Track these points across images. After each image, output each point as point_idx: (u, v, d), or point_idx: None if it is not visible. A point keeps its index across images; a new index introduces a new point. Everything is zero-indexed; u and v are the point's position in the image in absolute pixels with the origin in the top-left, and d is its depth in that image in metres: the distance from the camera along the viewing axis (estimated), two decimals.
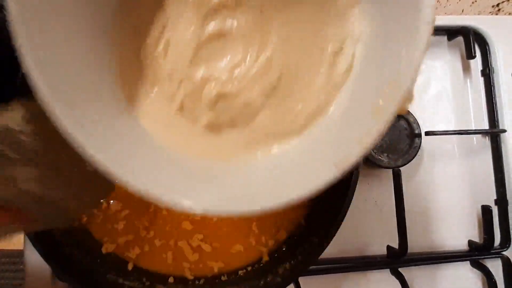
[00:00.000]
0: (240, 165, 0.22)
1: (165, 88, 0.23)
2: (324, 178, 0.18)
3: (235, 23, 0.22)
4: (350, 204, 0.32)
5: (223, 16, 0.22)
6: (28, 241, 0.37)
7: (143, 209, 0.36)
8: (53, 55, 0.17)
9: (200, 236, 0.36)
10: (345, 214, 0.32)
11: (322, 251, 0.32)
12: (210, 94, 0.22)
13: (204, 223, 0.37)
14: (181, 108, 0.23)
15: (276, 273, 0.34)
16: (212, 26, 0.22)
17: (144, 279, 0.35)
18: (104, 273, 0.35)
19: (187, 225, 0.36)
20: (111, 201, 0.36)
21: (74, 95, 0.18)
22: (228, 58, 0.22)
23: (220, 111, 0.23)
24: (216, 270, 0.36)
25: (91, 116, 0.19)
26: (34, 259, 0.37)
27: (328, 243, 0.32)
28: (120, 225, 0.36)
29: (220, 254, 0.36)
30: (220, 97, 0.23)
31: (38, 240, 0.32)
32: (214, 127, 0.23)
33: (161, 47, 0.22)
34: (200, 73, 0.22)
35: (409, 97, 0.18)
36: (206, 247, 0.36)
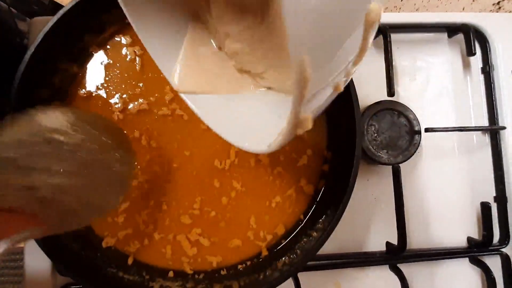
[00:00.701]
0: (245, 99, 0.29)
1: (211, 28, 0.30)
2: (261, 147, 0.22)
3: None
4: (349, 200, 0.32)
5: None
6: (28, 242, 0.38)
7: (143, 202, 0.37)
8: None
9: (199, 231, 0.36)
10: (344, 209, 0.32)
11: (321, 246, 0.32)
12: (229, 49, 0.29)
13: (202, 218, 0.37)
14: (219, 48, 0.31)
15: (275, 267, 0.35)
16: None
17: (144, 273, 0.36)
18: (105, 267, 0.35)
19: (186, 219, 0.37)
20: None
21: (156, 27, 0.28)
22: (241, 22, 0.27)
23: (237, 62, 0.29)
24: (215, 264, 0.36)
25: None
26: (34, 256, 0.38)
27: (327, 238, 0.32)
28: (120, 219, 0.36)
29: (219, 248, 0.37)
30: (234, 53, 0.28)
31: None
32: (239, 70, 0.30)
33: None
34: (223, 28, 0.28)
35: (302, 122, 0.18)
36: (205, 242, 0.36)
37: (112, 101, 0.37)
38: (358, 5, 0.16)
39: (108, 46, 0.38)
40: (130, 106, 0.37)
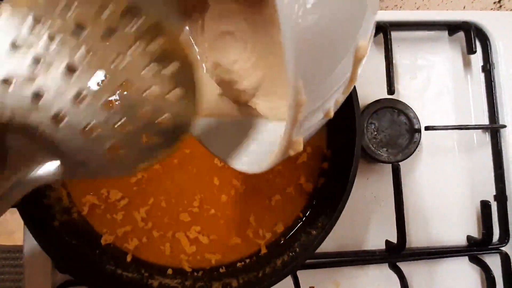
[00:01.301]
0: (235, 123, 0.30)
1: (202, 54, 0.31)
2: (253, 167, 0.23)
3: (237, 27, 0.28)
4: (348, 198, 0.32)
5: (232, 20, 0.28)
6: (27, 237, 0.37)
7: (142, 199, 0.36)
8: None
9: (198, 228, 0.36)
10: (343, 207, 0.32)
11: (320, 244, 0.32)
12: (218, 77, 0.30)
13: (201, 216, 0.37)
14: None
15: (275, 265, 0.35)
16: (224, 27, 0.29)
17: (143, 271, 0.36)
18: (104, 264, 0.35)
19: (185, 217, 0.36)
20: (110, 190, 0.36)
21: None
22: (231, 54, 0.29)
23: (225, 90, 0.30)
24: (213, 262, 0.36)
25: None
26: (33, 254, 0.38)
27: (326, 236, 0.32)
28: (119, 216, 0.36)
29: (218, 246, 0.37)
30: (223, 82, 0.30)
31: (38, 231, 0.32)
32: (225, 96, 0.30)
33: (199, 24, 0.30)
34: (214, 58, 0.30)
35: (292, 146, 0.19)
36: (204, 239, 0.36)
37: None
38: (348, 39, 0.17)
39: None
40: None
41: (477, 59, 0.45)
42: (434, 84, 0.44)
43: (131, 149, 0.20)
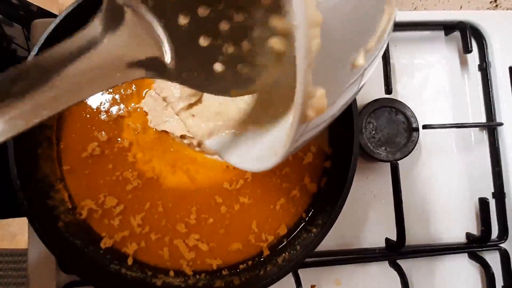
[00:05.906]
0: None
1: None
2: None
3: None
4: (347, 196, 0.33)
5: None
6: (32, 238, 0.38)
7: (138, 205, 0.36)
8: None
9: (197, 236, 0.36)
10: (342, 205, 0.33)
11: (320, 241, 0.32)
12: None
13: (200, 226, 0.36)
14: None
15: (276, 263, 0.35)
16: None
17: (146, 270, 0.36)
18: (108, 264, 0.35)
19: (181, 228, 0.36)
20: (107, 196, 0.36)
21: None
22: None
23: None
24: (215, 267, 0.36)
25: None
26: (38, 255, 0.38)
27: (326, 233, 0.32)
28: (116, 221, 0.36)
29: (218, 252, 0.36)
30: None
31: (43, 231, 0.32)
32: None
33: None
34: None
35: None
36: (203, 246, 0.36)
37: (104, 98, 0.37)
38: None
39: None
40: (116, 108, 0.37)
41: (473, 58, 0.46)
42: (431, 83, 0.45)
43: (230, 71, 0.23)
